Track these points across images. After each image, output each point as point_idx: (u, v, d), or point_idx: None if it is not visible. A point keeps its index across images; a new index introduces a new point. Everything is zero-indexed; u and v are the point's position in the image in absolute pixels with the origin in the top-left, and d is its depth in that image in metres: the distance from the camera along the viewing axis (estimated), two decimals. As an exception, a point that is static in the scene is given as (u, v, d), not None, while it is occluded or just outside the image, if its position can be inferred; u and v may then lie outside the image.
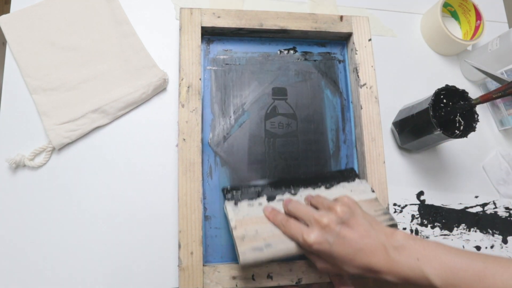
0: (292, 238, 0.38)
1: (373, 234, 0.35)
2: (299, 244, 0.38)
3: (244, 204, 0.43)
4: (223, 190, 0.45)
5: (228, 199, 0.43)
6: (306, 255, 0.40)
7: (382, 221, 0.41)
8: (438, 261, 0.32)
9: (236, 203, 0.43)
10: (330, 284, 0.44)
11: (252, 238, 0.39)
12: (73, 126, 0.46)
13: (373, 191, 0.45)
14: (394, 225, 0.41)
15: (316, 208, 0.40)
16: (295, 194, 0.44)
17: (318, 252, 0.37)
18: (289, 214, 0.41)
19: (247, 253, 0.38)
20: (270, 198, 0.44)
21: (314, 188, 0.45)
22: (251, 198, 0.44)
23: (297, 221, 0.39)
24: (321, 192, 0.45)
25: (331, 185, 0.46)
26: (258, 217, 0.41)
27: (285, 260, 0.43)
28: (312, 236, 0.36)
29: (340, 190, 0.45)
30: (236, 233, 0.39)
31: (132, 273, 0.44)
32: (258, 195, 0.44)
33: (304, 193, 0.45)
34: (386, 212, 0.42)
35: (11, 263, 0.43)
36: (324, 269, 0.38)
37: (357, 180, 0.47)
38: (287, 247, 0.38)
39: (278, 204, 0.43)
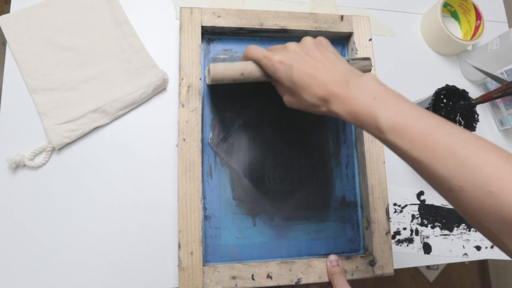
0: (258, 60, 0.38)
1: (338, 67, 0.34)
2: (263, 65, 0.38)
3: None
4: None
5: None
6: (273, 84, 0.40)
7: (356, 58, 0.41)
8: (394, 107, 0.30)
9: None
10: (329, 284, 0.44)
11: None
12: (73, 126, 0.46)
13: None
14: (367, 58, 0.41)
15: None
16: None
17: (280, 75, 0.36)
18: None
19: (217, 64, 0.39)
20: None
21: None
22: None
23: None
24: None
25: None
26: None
27: (260, 80, 0.41)
28: (276, 56, 0.36)
29: None
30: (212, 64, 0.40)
31: (132, 273, 0.44)
32: None
33: None
34: None
35: (11, 263, 0.43)
36: (289, 101, 0.38)
37: None
38: (256, 65, 0.39)
39: None
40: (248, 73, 0.39)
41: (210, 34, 0.51)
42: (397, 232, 0.52)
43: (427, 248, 0.52)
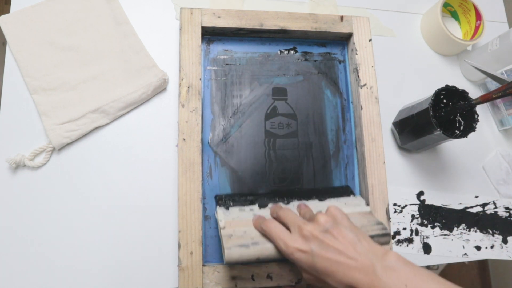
0: (274, 242, 0.37)
1: (360, 249, 0.33)
2: (280, 250, 0.36)
3: (235, 209, 0.43)
4: (215, 197, 0.46)
5: (220, 205, 0.44)
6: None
7: (375, 229, 0.40)
8: None
9: (227, 208, 0.44)
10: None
11: (239, 237, 0.39)
12: (73, 126, 0.46)
13: (367, 205, 0.45)
14: (387, 234, 0.40)
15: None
16: (287, 204, 0.45)
17: (301, 264, 0.35)
18: (277, 219, 0.40)
19: (232, 248, 0.37)
20: (262, 206, 0.44)
21: (307, 200, 0.46)
22: (242, 205, 0.44)
23: (280, 224, 0.38)
24: (315, 203, 0.45)
25: (325, 198, 0.46)
26: (248, 220, 0.41)
27: (276, 261, 0.42)
28: (295, 244, 0.35)
29: (334, 202, 0.46)
30: (224, 232, 0.39)
31: (132, 273, 0.44)
32: (251, 203, 0.45)
33: (296, 204, 0.45)
34: (379, 222, 0.42)
35: (11, 263, 0.43)
36: (310, 280, 0.36)
37: (352, 196, 0.48)
38: (274, 246, 0.37)
39: (269, 212, 0.43)
40: (264, 258, 0.37)
41: (210, 35, 0.51)
42: (397, 232, 0.52)
43: (427, 248, 0.52)
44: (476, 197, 0.55)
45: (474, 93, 0.60)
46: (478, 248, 0.53)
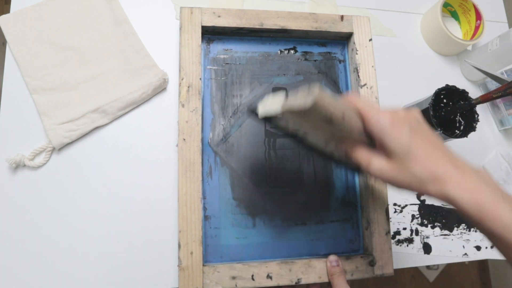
0: (361, 110, 0.31)
1: (448, 151, 0.30)
2: (369, 119, 0.30)
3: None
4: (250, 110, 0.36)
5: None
6: (348, 152, 0.32)
7: None
8: None
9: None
10: (329, 284, 0.44)
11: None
12: (73, 126, 0.46)
13: None
14: None
15: None
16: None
17: (393, 135, 0.29)
18: None
19: (322, 90, 0.27)
20: None
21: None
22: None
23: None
24: None
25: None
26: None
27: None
28: (387, 114, 0.30)
29: None
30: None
31: (132, 273, 0.44)
32: None
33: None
34: None
35: (11, 263, 0.43)
36: (382, 169, 0.30)
37: None
38: (355, 114, 0.30)
39: None
40: (348, 118, 0.30)
41: (210, 34, 0.51)
42: (397, 232, 0.52)
43: (427, 248, 0.52)
44: (476, 197, 0.55)
45: (474, 93, 0.60)
46: (478, 248, 0.53)
